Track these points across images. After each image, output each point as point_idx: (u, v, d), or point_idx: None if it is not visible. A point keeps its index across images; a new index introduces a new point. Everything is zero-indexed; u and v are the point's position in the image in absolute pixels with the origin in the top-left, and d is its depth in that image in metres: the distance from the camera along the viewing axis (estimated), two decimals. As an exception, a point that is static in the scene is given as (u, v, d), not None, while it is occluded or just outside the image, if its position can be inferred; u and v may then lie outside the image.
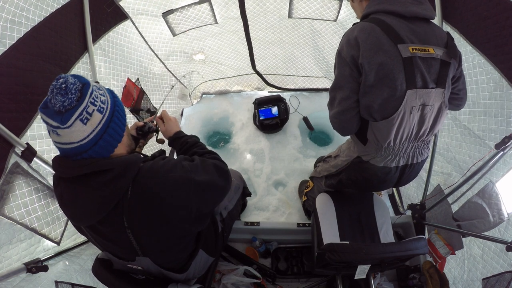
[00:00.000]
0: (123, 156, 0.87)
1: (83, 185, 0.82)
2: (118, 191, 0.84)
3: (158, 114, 1.31)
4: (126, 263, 1.03)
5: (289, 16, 2.14)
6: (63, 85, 0.73)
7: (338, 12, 2.01)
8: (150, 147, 2.14)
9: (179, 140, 1.22)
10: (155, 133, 1.30)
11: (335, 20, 2.08)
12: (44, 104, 0.76)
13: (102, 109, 0.81)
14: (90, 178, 0.81)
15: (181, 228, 0.97)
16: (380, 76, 1.03)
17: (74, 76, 0.78)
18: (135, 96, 1.89)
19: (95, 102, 0.79)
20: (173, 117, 1.28)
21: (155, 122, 1.30)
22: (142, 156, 0.99)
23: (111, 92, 0.90)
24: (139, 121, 1.94)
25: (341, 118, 1.18)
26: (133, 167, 0.86)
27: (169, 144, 1.26)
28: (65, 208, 0.89)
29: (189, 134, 1.27)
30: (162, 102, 1.66)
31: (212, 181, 0.97)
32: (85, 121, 0.77)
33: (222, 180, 1.01)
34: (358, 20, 1.19)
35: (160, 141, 1.35)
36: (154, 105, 2.15)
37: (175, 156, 1.21)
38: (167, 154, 1.14)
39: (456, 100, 1.23)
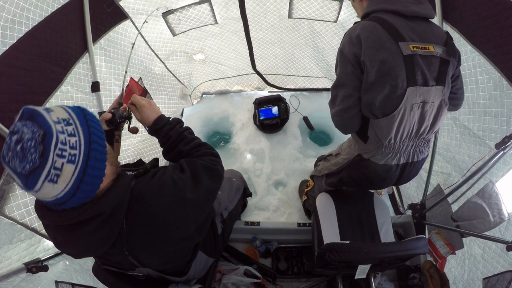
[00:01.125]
0: (111, 194, 0.76)
1: (76, 232, 0.75)
2: (114, 230, 0.79)
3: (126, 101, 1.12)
4: (127, 271, 1.04)
5: (289, 16, 2.14)
6: (18, 147, 0.58)
7: (338, 13, 2.00)
8: (151, 147, 2.14)
9: (160, 132, 1.05)
10: (130, 120, 1.13)
11: (335, 21, 2.08)
12: (6, 161, 0.61)
13: (73, 158, 0.65)
14: (82, 225, 0.74)
15: (182, 244, 0.96)
16: (381, 74, 1.04)
17: (31, 117, 0.62)
18: (137, 95, 1.89)
19: (63, 153, 0.63)
20: (147, 100, 1.07)
21: (125, 106, 1.09)
22: (131, 173, 0.90)
23: (83, 117, 0.71)
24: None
25: (344, 116, 1.18)
26: (124, 204, 0.79)
27: (150, 133, 1.09)
28: (62, 249, 0.84)
29: None
30: (127, 65, 1.42)
31: (205, 189, 0.91)
32: (55, 179, 0.62)
33: (214, 183, 0.95)
34: (359, 20, 1.20)
35: (133, 130, 1.14)
36: (157, 104, 2.15)
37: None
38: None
39: (454, 99, 1.24)
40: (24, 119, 0.62)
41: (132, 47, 1.51)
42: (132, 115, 1.10)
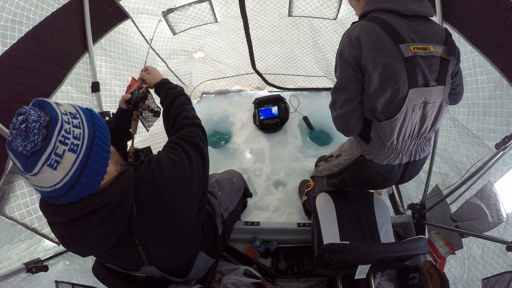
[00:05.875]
0: (117, 184, 0.76)
1: (82, 225, 0.74)
2: (122, 220, 0.79)
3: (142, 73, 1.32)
4: (130, 272, 1.03)
5: (289, 15, 2.14)
6: (23, 126, 0.59)
7: (338, 10, 2.01)
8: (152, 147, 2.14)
9: (164, 86, 1.22)
10: (146, 100, 1.29)
11: (335, 19, 2.09)
12: (9, 141, 0.63)
13: (75, 148, 0.66)
14: (87, 217, 0.73)
15: (187, 226, 0.96)
16: (383, 78, 1.03)
17: (40, 106, 0.64)
18: None
19: (66, 140, 0.64)
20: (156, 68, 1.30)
21: (143, 89, 1.30)
22: (131, 164, 0.91)
23: (90, 116, 0.73)
24: (142, 122, 1.93)
25: (345, 119, 1.17)
26: (130, 192, 0.79)
27: (155, 91, 1.26)
28: (70, 247, 0.82)
29: None
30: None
31: (195, 160, 0.93)
32: (55, 165, 0.63)
33: (200, 154, 0.96)
34: (357, 19, 1.19)
35: (156, 114, 1.36)
36: (158, 105, 2.15)
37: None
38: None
39: (454, 95, 1.24)
40: (33, 106, 0.64)
41: (151, 41, 1.67)
42: (148, 94, 1.30)
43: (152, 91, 1.32)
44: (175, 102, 1.12)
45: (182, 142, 0.95)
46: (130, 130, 1.27)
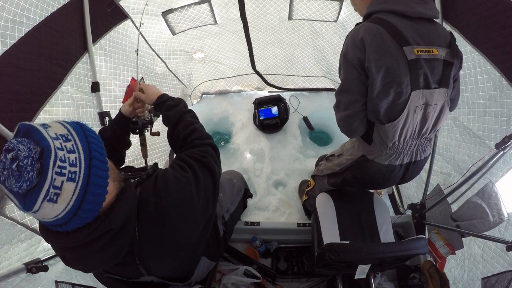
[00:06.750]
0: (119, 208, 0.73)
1: (86, 251, 0.72)
2: (125, 243, 0.77)
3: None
4: (129, 279, 1.03)
5: (289, 18, 2.14)
6: (14, 165, 0.54)
7: (339, 13, 2.01)
8: (150, 147, 2.14)
9: (163, 104, 1.14)
10: (152, 125, 1.31)
11: (335, 21, 2.08)
12: (2, 180, 0.57)
13: (73, 176, 0.61)
14: (90, 244, 0.71)
15: (191, 246, 0.95)
16: (386, 81, 1.03)
17: (26, 132, 0.59)
18: None
19: (63, 170, 0.59)
20: (151, 84, 1.24)
21: (146, 115, 1.29)
22: (135, 179, 0.87)
23: (82, 133, 0.67)
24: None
25: (350, 121, 1.17)
26: (132, 216, 0.77)
27: (155, 109, 1.20)
28: (73, 267, 0.80)
29: None
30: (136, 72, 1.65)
31: (204, 183, 0.90)
32: (55, 198, 0.59)
33: (211, 176, 0.94)
34: (361, 20, 1.18)
35: (155, 134, 1.35)
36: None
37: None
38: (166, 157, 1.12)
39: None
40: (20, 136, 0.59)
41: (137, 55, 1.59)
42: (154, 120, 1.30)
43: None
44: (181, 122, 1.07)
45: (193, 162, 0.91)
46: (141, 153, 1.35)
